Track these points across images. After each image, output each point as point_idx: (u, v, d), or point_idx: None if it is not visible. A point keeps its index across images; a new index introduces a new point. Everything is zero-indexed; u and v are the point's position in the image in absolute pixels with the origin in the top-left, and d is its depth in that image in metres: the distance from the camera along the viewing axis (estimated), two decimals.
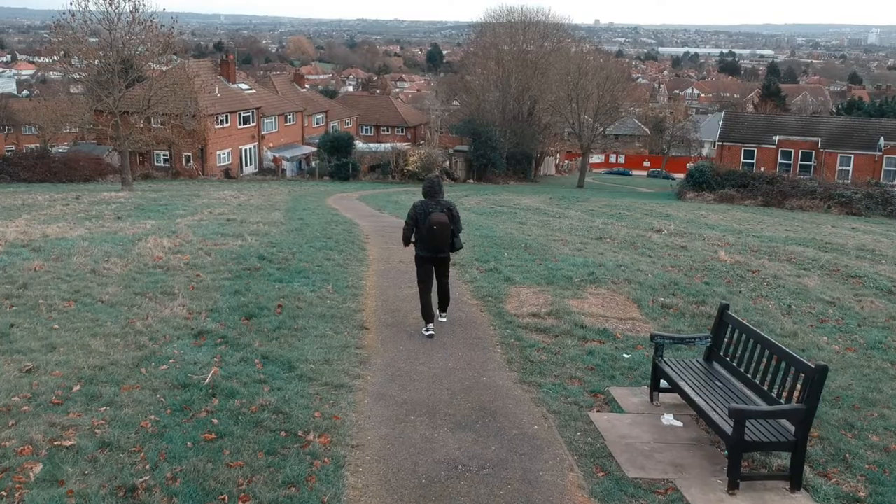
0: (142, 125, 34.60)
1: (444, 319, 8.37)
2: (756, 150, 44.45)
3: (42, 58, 33.46)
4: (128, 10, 30.61)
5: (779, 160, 43.83)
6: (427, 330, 7.95)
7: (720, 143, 46.10)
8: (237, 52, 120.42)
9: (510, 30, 53.32)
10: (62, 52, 32.62)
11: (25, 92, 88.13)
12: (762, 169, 41.72)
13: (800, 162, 43.73)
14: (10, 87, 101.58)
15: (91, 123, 33.14)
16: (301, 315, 8.21)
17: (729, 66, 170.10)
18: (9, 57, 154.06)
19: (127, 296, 8.61)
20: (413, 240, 7.99)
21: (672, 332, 8.16)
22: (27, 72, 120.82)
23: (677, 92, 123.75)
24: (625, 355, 7.53)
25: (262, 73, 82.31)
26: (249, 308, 8.29)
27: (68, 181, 38.58)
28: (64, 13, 30.37)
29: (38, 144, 53.03)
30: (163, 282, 9.27)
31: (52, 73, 33.43)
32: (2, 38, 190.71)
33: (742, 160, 44.30)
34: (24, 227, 15.49)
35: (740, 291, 10.45)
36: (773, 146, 43.77)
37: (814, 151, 43.30)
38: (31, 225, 16.72)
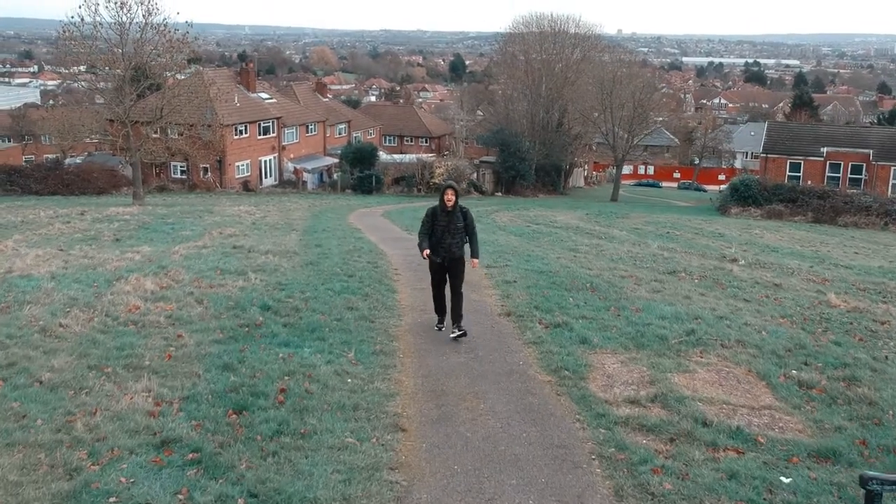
0: (156, 135, 32.84)
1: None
2: (802, 162, 41.87)
3: (62, 68, 31.77)
4: (140, 16, 28.97)
5: (827, 173, 41.23)
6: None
7: (764, 155, 43.52)
8: (260, 61, 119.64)
9: (540, 38, 51.24)
10: (89, 64, 30.95)
11: (51, 102, 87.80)
12: (809, 182, 39.14)
13: (849, 175, 41.11)
14: (35, 96, 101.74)
15: (100, 133, 31.47)
16: (311, 406, 5.86)
17: (755, 76, 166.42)
18: (35, 67, 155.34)
19: (77, 372, 6.34)
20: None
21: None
22: (53, 83, 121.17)
23: (704, 102, 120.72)
24: (782, 479, 5.12)
25: (284, 82, 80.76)
26: (240, 394, 5.97)
27: (81, 193, 37.01)
28: (73, 18, 28.78)
29: (56, 155, 51.72)
30: (131, 347, 7.00)
31: (75, 83, 31.88)
32: (30, 49, 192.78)
33: (787, 173, 41.75)
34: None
35: (886, 357, 7.97)
36: (822, 158, 41.18)
37: (865, 164, 40.62)
38: (16, 250, 14.78)
